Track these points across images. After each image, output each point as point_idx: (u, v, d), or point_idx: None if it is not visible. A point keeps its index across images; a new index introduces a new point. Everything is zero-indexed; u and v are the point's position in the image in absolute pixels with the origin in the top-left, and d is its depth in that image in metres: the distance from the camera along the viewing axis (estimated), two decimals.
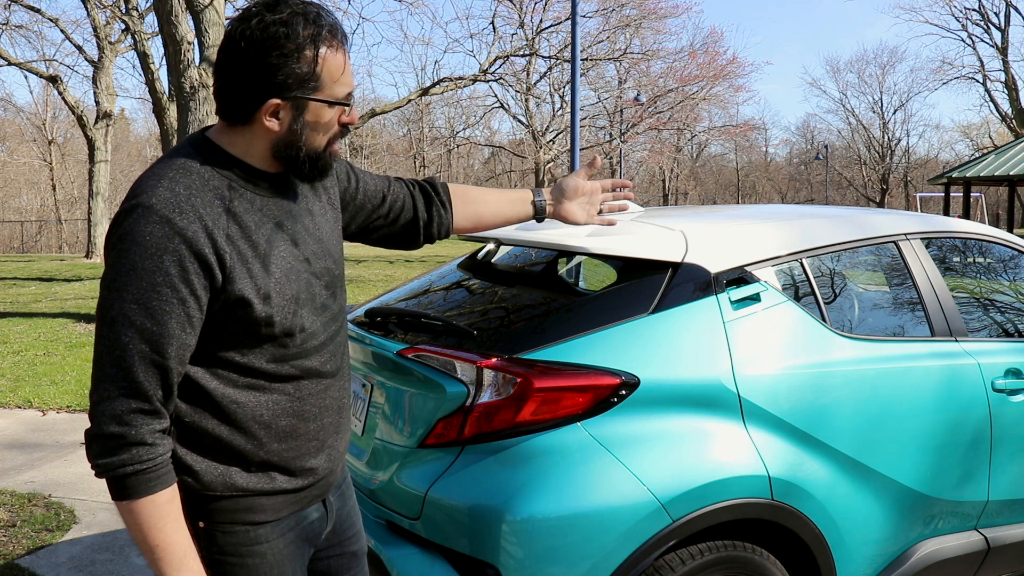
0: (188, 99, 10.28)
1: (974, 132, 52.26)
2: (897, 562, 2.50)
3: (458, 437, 2.12)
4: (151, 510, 1.36)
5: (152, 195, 1.37)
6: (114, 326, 1.34)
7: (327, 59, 1.43)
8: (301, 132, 1.46)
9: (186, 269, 1.35)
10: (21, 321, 10.85)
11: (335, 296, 1.61)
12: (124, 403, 1.34)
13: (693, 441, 2.15)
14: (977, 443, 2.60)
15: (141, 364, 1.34)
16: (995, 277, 3.17)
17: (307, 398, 1.55)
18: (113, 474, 1.34)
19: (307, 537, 1.62)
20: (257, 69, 1.40)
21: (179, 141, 6.37)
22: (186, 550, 1.40)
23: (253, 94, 1.42)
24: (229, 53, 1.42)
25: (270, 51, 1.39)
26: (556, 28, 25.54)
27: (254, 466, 1.50)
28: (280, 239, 1.49)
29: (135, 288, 1.34)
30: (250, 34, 1.39)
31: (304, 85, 1.43)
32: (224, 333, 1.44)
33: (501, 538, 2.02)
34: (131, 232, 1.35)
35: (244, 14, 1.42)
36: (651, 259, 2.31)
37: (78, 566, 3.50)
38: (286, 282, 1.48)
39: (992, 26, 40.33)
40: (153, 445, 1.36)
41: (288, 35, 1.39)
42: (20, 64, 23.04)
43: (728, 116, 39.39)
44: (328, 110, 1.47)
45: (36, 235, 41.02)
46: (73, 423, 5.82)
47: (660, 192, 51.85)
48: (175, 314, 1.35)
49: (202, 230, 1.38)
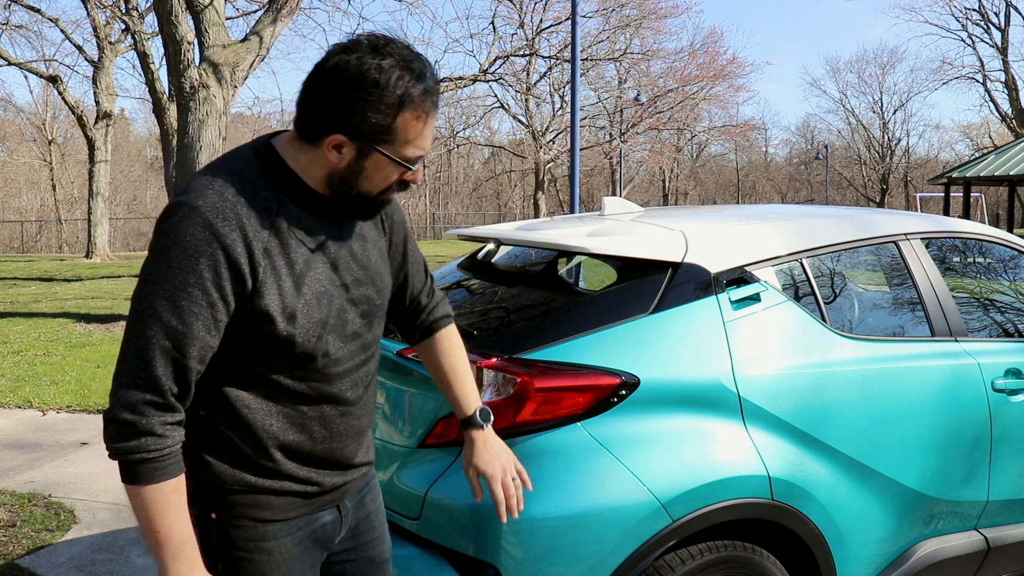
0: (188, 99, 10.28)
1: (974, 132, 52.29)
2: (897, 562, 2.50)
3: (458, 437, 2.12)
4: (155, 498, 1.39)
5: (200, 196, 1.40)
6: (142, 318, 1.38)
7: (408, 121, 1.42)
8: (358, 174, 1.46)
9: (219, 275, 1.38)
10: (21, 321, 10.85)
11: (371, 325, 1.60)
12: (140, 394, 1.37)
13: (693, 441, 2.15)
14: (977, 443, 2.60)
15: (161, 359, 1.37)
16: (995, 277, 3.17)
17: (319, 420, 1.56)
18: (122, 459, 1.38)
19: (318, 539, 1.62)
20: (337, 102, 1.39)
21: (178, 141, 6.32)
22: (185, 538, 1.42)
23: (325, 122, 1.42)
24: (319, 75, 1.41)
25: (356, 92, 1.38)
26: (556, 28, 25.57)
27: (262, 469, 1.52)
28: (319, 261, 1.50)
29: (168, 285, 1.37)
30: (344, 67, 1.38)
31: (376, 136, 1.42)
32: (247, 342, 1.46)
33: (501, 538, 2.02)
34: (173, 230, 1.38)
35: (351, 44, 1.41)
36: (651, 259, 2.31)
37: (78, 566, 3.50)
38: (316, 305, 1.48)
39: (992, 26, 40.34)
40: (162, 436, 1.38)
41: (379, 84, 1.38)
42: (20, 64, 23.05)
43: (728, 116, 39.41)
44: (390, 165, 1.46)
45: (36, 235, 41.02)
46: (73, 423, 5.82)
47: (660, 192, 51.85)
48: (202, 316, 1.38)
49: (241, 240, 1.40)
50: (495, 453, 1.82)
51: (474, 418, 1.83)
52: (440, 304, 1.86)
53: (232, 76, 10.49)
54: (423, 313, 1.84)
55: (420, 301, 1.83)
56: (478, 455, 1.81)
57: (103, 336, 9.60)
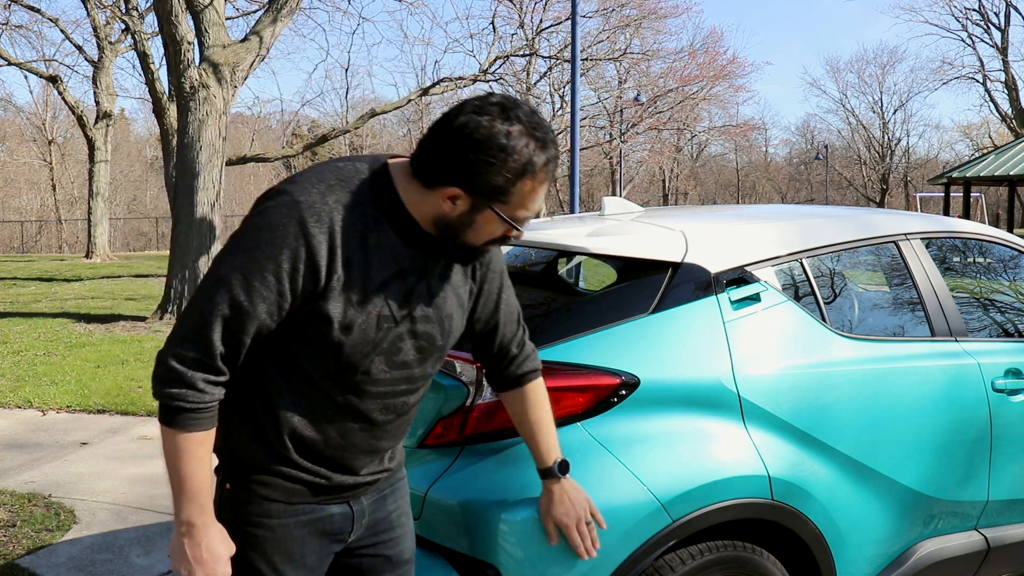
0: (188, 99, 10.27)
1: (974, 132, 52.29)
2: (897, 562, 2.50)
3: (458, 437, 2.12)
4: (183, 444, 1.47)
5: (304, 192, 1.46)
6: (216, 285, 1.46)
7: (526, 187, 1.47)
8: (467, 226, 1.51)
9: (296, 269, 1.44)
10: (21, 321, 10.85)
11: (424, 361, 1.63)
12: (192, 351, 1.45)
13: (693, 441, 2.15)
14: (977, 443, 2.60)
15: (219, 327, 1.45)
16: (995, 277, 3.17)
17: (338, 428, 1.60)
18: (162, 401, 1.47)
19: (326, 530, 1.66)
20: (461, 158, 1.43)
21: (178, 141, 6.35)
22: (201, 486, 1.50)
23: (445, 174, 1.46)
24: (448, 129, 1.45)
25: (480, 153, 1.42)
26: (556, 28, 25.54)
27: (275, 453, 1.58)
28: (394, 287, 1.53)
29: (246, 262, 1.44)
30: (474, 127, 1.42)
31: (493, 196, 1.46)
32: (299, 333, 1.52)
33: (501, 538, 2.02)
34: (268, 214, 1.45)
35: (482, 104, 1.45)
36: (651, 259, 2.31)
37: (78, 566, 3.50)
38: (373, 326, 1.52)
39: (992, 26, 40.34)
40: (202, 392, 1.46)
41: (506, 149, 1.42)
42: (20, 64, 23.05)
43: (728, 116, 39.39)
44: (500, 223, 1.51)
45: (36, 235, 41.01)
46: (73, 423, 5.82)
47: (660, 192, 51.84)
48: (268, 300, 1.45)
49: (327, 243, 1.45)
50: (571, 504, 1.90)
51: (552, 470, 1.89)
52: (529, 357, 1.89)
53: (232, 76, 10.49)
54: (511, 364, 1.87)
55: (510, 351, 1.86)
56: (555, 507, 1.90)
57: (103, 336, 9.60)
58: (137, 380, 7.08)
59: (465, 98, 1.50)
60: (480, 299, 1.75)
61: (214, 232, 10.57)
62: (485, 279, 1.74)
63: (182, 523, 1.51)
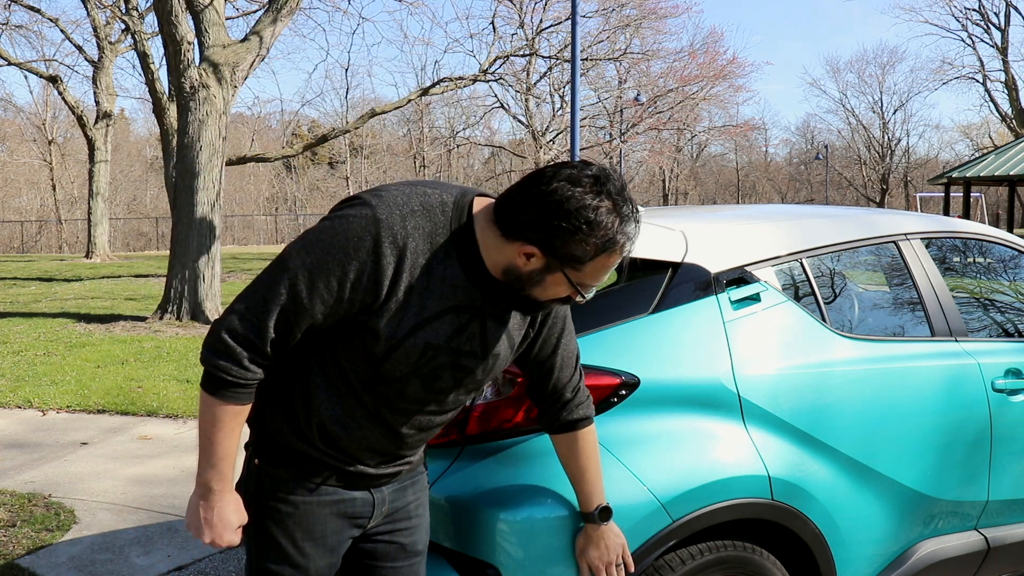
0: (188, 99, 10.27)
1: (974, 132, 52.29)
2: (897, 562, 2.50)
3: (458, 437, 2.12)
4: (218, 413, 1.54)
5: (387, 208, 1.50)
6: (282, 274, 1.50)
7: (602, 260, 1.51)
8: (536, 283, 1.55)
9: (360, 281, 1.49)
10: (21, 321, 10.85)
11: (458, 391, 1.67)
12: (245, 331, 1.51)
13: (693, 441, 2.15)
14: (977, 443, 2.60)
15: (276, 314, 1.50)
16: (995, 277, 3.17)
17: (363, 430, 1.65)
18: (207, 368, 1.54)
19: (347, 514, 1.70)
20: (547, 223, 1.47)
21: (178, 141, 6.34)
22: (226, 454, 1.57)
23: (528, 231, 1.49)
24: (540, 191, 1.48)
25: (567, 221, 1.45)
26: (556, 28, 25.54)
27: (302, 435, 1.64)
28: (448, 320, 1.57)
29: (315, 261, 1.49)
30: (567, 196, 1.45)
31: (568, 262, 1.50)
32: (346, 335, 1.57)
33: (501, 538, 2.02)
34: (348, 220, 1.49)
35: (575, 174, 1.48)
36: (651, 259, 2.31)
37: (78, 566, 3.50)
38: (419, 351, 1.56)
39: (992, 26, 40.33)
40: (246, 369, 1.53)
41: (591, 224, 1.46)
42: (20, 64, 23.05)
43: (728, 116, 39.40)
44: (568, 286, 1.55)
45: (36, 235, 41.01)
46: (73, 423, 5.82)
47: (660, 192, 51.85)
48: (327, 303, 1.50)
49: (394, 264, 1.50)
50: (606, 549, 1.93)
51: (593, 515, 1.93)
52: (583, 404, 1.90)
53: (232, 76, 10.49)
54: (564, 409, 1.88)
55: (564, 395, 1.87)
56: (590, 550, 1.94)
57: (103, 336, 9.60)
58: (137, 380, 7.08)
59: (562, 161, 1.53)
60: (538, 342, 1.79)
61: (214, 232, 10.57)
62: (545, 324, 1.78)
63: (200, 485, 1.58)
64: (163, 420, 5.91)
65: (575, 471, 1.93)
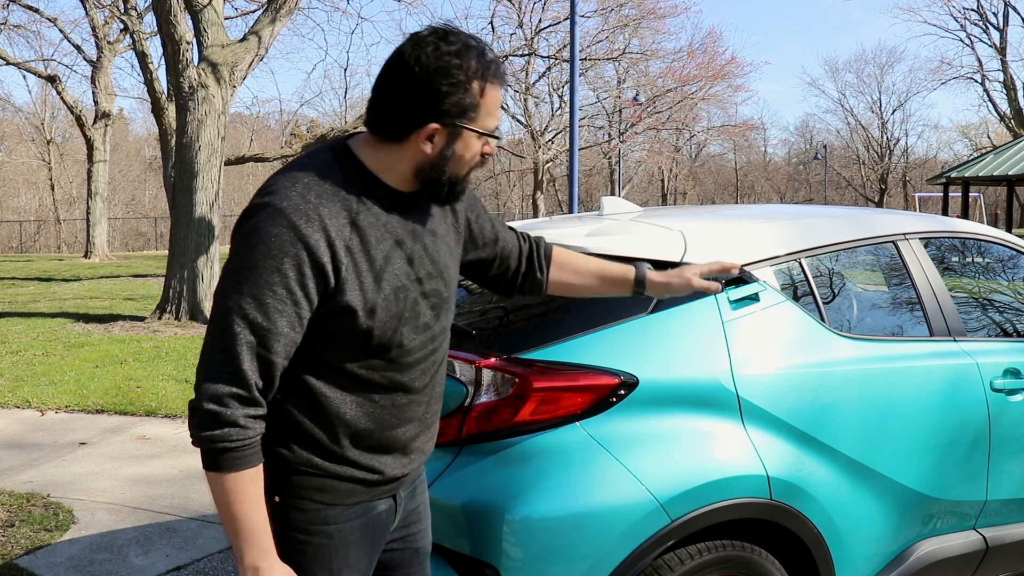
0: (187, 99, 10.27)
1: (972, 132, 52.34)
2: (896, 562, 2.50)
3: (457, 437, 2.13)
4: (233, 486, 1.45)
5: (284, 198, 1.45)
6: (229, 315, 1.43)
7: (489, 93, 1.51)
8: (449, 158, 1.53)
9: (303, 274, 1.44)
10: (20, 321, 10.84)
11: (439, 317, 1.65)
12: (225, 387, 1.42)
13: (692, 441, 2.15)
14: (976, 443, 2.61)
15: (247, 354, 1.43)
16: (994, 277, 3.17)
17: (390, 408, 1.60)
18: (205, 447, 1.44)
19: (374, 529, 1.65)
20: (426, 93, 1.47)
21: (177, 141, 6.37)
22: (260, 527, 1.47)
23: (415, 116, 1.48)
24: (398, 74, 1.48)
25: (442, 79, 1.46)
26: (555, 28, 25.57)
27: (329, 454, 1.57)
28: (397, 257, 1.55)
29: (253, 284, 1.43)
30: (425, 60, 1.46)
31: (464, 115, 1.50)
32: (325, 335, 1.52)
33: (500, 538, 2.02)
34: (258, 230, 1.44)
35: (417, 40, 1.49)
36: (650, 259, 2.31)
37: (77, 566, 3.50)
38: (393, 299, 1.54)
39: (991, 26, 40.36)
40: (245, 428, 1.44)
41: (460, 67, 1.47)
42: (19, 64, 23.04)
43: (727, 116, 39.41)
44: (477, 140, 1.54)
45: (35, 235, 41.00)
46: (72, 423, 5.82)
47: (659, 192, 51.85)
48: (286, 314, 1.44)
49: (324, 239, 1.45)
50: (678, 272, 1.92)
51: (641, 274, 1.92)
52: (538, 242, 1.93)
53: (231, 76, 10.48)
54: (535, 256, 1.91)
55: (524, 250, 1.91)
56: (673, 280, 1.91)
57: (102, 336, 9.59)
58: (136, 380, 7.08)
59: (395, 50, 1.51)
60: (474, 229, 1.81)
61: (213, 232, 10.57)
62: (469, 211, 1.79)
63: (247, 569, 1.47)
64: (162, 420, 5.90)
65: (590, 275, 1.93)
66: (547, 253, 1.93)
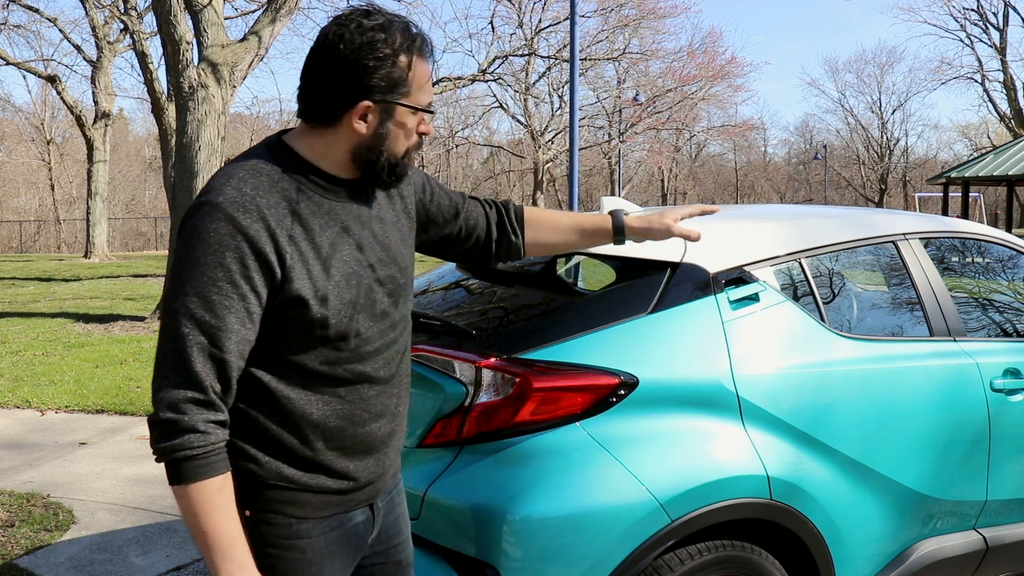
0: (187, 99, 10.27)
1: (972, 132, 52.35)
2: (896, 562, 2.50)
3: (457, 437, 2.12)
4: (200, 496, 1.39)
5: (220, 193, 1.43)
6: (176, 318, 1.39)
7: (417, 67, 1.49)
8: (385, 137, 1.51)
9: (247, 266, 1.41)
10: (19, 321, 10.84)
11: (397, 304, 1.63)
12: (180, 392, 1.38)
13: (692, 441, 2.15)
14: (976, 443, 2.61)
15: (199, 356, 1.39)
16: (994, 277, 3.17)
17: (358, 402, 1.57)
18: (166, 458, 1.39)
19: (351, 541, 1.61)
20: (353, 71, 1.45)
21: (177, 141, 6.38)
22: (233, 538, 1.41)
23: (345, 96, 1.47)
24: (324, 55, 1.47)
25: (368, 54, 1.44)
26: (555, 28, 25.57)
27: (301, 462, 1.53)
28: (344, 243, 1.52)
29: (197, 283, 1.39)
30: (349, 37, 1.44)
31: (395, 90, 1.48)
32: (279, 331, 1.48)
33: (500, 538, 2.02)
34: (197, 228, 1.41)
35: (339, 20, 1.48)
36: (650, 259, 2.31)
37: (77, 566, 3.50)
38: (345, 286, 1.51)
39: (991, 26, 40.36)
40: (205, 433, 1.39)
41: (385, 40, 1.45)
42: (18, 64, 23.04)
43: (727, 116, 39.42)
44: (412, 117, 1.52)
45: (35, 235, 41.00)
46: (71, 423, 5.82)
47: (659, 192, 51.85)
48: (234, 309, 1.40)
49: (264, 229, 1.42)
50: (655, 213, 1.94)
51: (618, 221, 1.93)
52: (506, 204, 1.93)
53: (231, 76, 10.48)
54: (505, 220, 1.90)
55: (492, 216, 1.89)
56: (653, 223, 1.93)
57: (102, 336, 9.59)
58: (136, 380, 7.07)
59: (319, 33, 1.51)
60: (431, 209, 1.79)
61: None
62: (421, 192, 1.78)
63: None
64: None
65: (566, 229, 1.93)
66: (518, 215, 1.91)
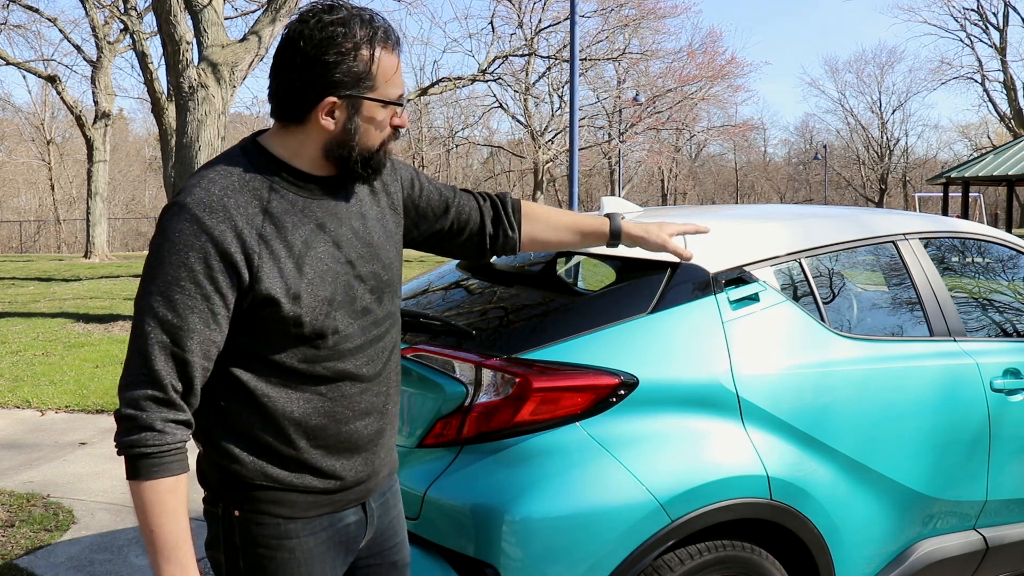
0: (187, 99, 10.27)
1: (972, 132, 52.35)
2: (896, 562, 2.50)
3: (457, 437, 2.12)
4: (151, 495, 1.39)
5: (188, 195, 1.44)
6: (141, 316, 1.41)
7: (382, 60, 1.48)
8: (355, 132, 1.50)
9: (211, 266, 1.40)
10: (20, 321, 10.84)
11: (381, 301, 1.61)
12: (141, 390, 1.39)
13: (692, 441, 2.15)
14: (975, 443, 2.61)
15: (160, 354, 1.39)
16: (994, 277, 3.17)
17: (340, 400, 1.55)
18: (124, 453, 1.40)
19: (342, 541, 1.61)
20: (316, 67, 1.45)
21: (177, 141, 6.39)
22: (178, 540, 1.41)
23: (310, 92, 1.46)
24: (287, 53, 1.47)
25: (328, 49, 1.44)
26: (555, 28, 25.57)
27: (284, 461, 1.52)
28: (319, 240, 1.51)
29: (161, 282, 1.40)
30: (309, 33, 1.44)
31: (360, 84, 1.47)
32: (255, 330, 1.47)
33: (500, 538, 2.02)
34: (164, 229, 1.42)
35: (301, 16, 1.48)
36: (650, 259, 2.31)
37: (76, 566, 3.50)
38: (320, 283, 1.49)
39: (991, 26, 40.37)
40: (162, 432, 1.39)
41: (346, 35, 1.45)
42: (18, 64, 23.04)
43: (727, 116, 39.46)
44: (381, 110, 1.51)
45: (35, 235, 40.99)
46: (71, 423, 5.81)
47: (659, 192, 51.85)
48: (197, 309, 1.40)
49: (230, 230, 1.42)
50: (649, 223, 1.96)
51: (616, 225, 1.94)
52: (502, 198, 1.91)
53: (231, 76, 10.48)
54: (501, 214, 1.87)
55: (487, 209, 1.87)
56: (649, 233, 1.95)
57: (102, 336, 9.59)
58: None
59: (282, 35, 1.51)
60: (420, 204, 1.77)
61: None
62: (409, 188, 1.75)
63: None
64: None
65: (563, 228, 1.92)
66: (515, 208, 1.89)
